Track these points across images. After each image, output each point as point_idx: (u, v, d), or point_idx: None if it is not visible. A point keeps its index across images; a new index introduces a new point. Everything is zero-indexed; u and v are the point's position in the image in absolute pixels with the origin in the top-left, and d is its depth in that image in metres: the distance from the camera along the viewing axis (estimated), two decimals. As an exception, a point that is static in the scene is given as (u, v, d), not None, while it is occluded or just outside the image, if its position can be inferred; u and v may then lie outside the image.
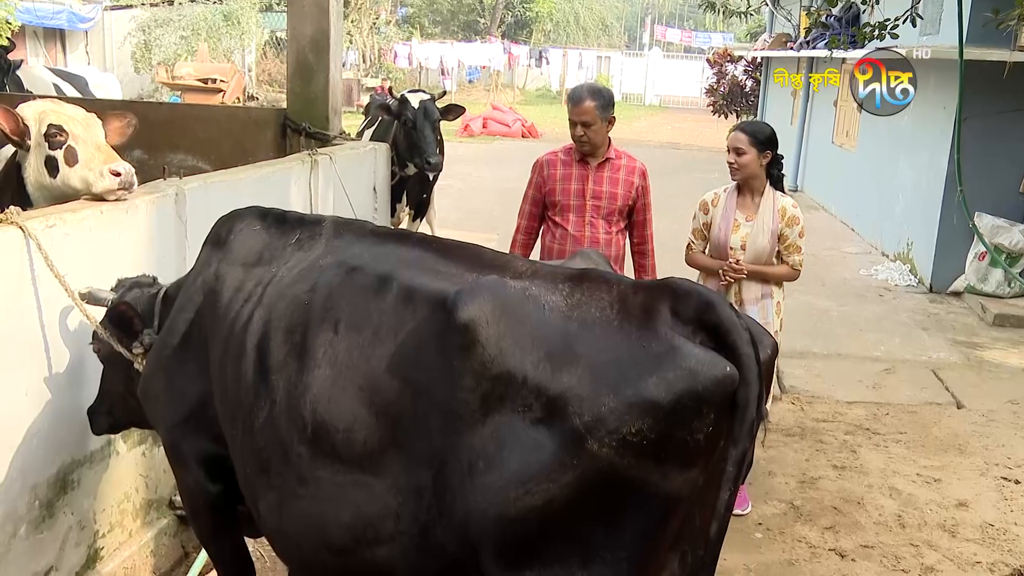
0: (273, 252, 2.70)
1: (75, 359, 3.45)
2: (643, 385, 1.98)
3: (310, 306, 2.46)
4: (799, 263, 4.71)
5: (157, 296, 3.15)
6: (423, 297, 2.30)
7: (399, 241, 2.60)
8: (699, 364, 1.99)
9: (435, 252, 2.49)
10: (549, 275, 2.28)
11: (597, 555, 2.07)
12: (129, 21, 24.48)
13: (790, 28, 17.40)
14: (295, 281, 2.56)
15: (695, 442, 2.00)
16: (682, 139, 24.88)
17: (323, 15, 6.44)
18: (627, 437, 1.97)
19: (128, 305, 3.09)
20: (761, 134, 4.71)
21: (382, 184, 6.80)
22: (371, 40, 32.96)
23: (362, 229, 2.71)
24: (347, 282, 2.46)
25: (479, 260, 2.42)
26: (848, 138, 14.12)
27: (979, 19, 8.11)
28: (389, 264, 2.45)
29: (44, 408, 3.32)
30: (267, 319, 2.53)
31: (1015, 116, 9.06)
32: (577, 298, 2.18)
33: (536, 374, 2.07)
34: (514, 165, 17.47)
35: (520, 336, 2.11)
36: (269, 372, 2.45)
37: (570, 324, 2.14)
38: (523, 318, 2.13)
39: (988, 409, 6.48)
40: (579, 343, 2.10)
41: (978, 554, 4.54)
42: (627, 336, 2.09)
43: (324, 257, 2.58)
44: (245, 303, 2.62)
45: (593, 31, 49.58)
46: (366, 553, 2.33)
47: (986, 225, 9.26)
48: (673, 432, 1.99)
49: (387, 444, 2.26)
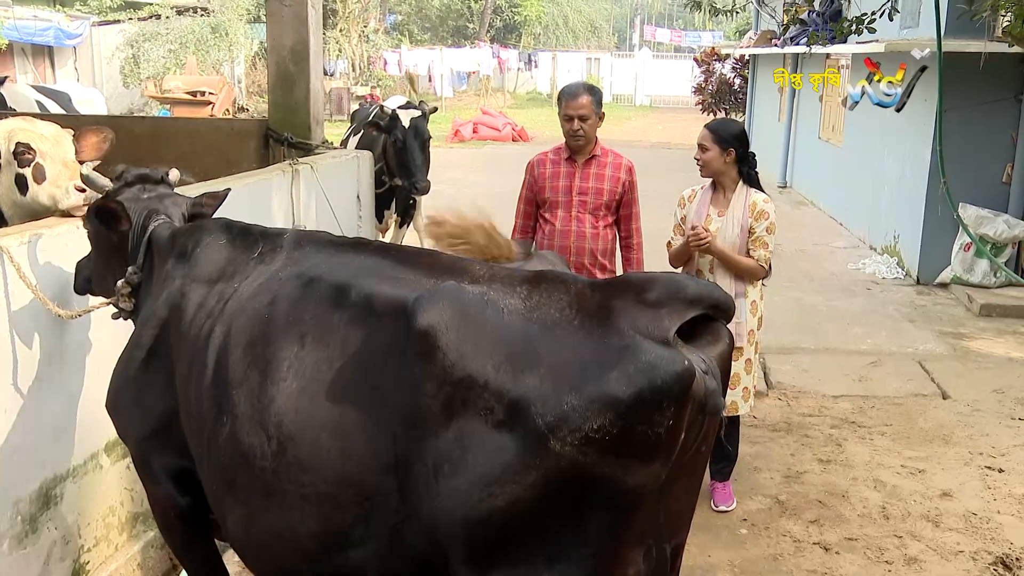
0: (236, 267, 2.72)
1: (57, 375, 3.47)
2: (603, 382, 2.01)
3: (270, 319, 2.48)
4: (764, 259, 4.71)
5: (148, 226, 3.06)
6: (382, 305, 2.32)
7: (357, 250, 2.62)
8: (658, 359, 2.01)
9: (393, 259, 2.51)
10: (506, 278, 2.31)
11: (563, 553, 2.10)
12: (117, 36, 24.47)
13: (775, 25, 17.45)
14: (255, 295, 2.58)
15: (656, 436, 2.03)
16: (673, 139, 24.91)
17: (302, 25, 6.48)
18: (589, 434, 2.00)
19: (120, 206, 3.04)
20: (724, 131, 4.75)
21: (366, 192, 6.83)
22: (360, 48, 32.99)
23: (321, 240, 2.73)
24: (306, 293, 2.48)
25: (436, 266, 2.45)
26: (834, 133, 14.17)
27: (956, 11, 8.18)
28: (347, 273, 2.48)
29: (25, 424, 3.34)
30: (227, 334, 2.54)
31: (995, 107, 9.11)
32: (535, 300, 2.21)
33: (497, 377, 2.09)
34: (505, 170, 17.49)
35: (480, 340, 2.13)
36: (230, 387, 2.47)
37: (529, 326, 2.16)
38: (482, 322, 2.15)
39: (973, 399, 6.52)
40: (539, 344, 2.12)
41: (961, 543, 4.57)
42: (587, 334, 2.12)
43: (283, 269, 2.61)
44: (207, 319, 2.64)
45: (582, 33, 49.70)
46: (338, 558, 2.35)
47: (971, 216, 9.30)
48: (634, 427, 2.01)
49: (352, 452, 2.28)
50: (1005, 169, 9.43)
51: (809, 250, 11.12)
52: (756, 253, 4.71)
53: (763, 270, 4.77)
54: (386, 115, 6.96)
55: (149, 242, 3.03)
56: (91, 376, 3.64)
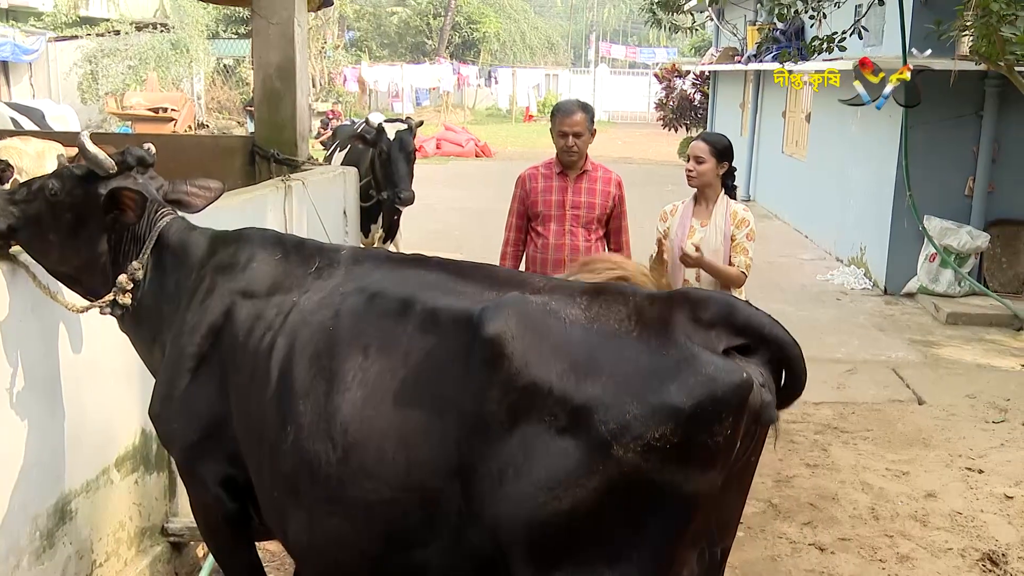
0: (293, 280, 2.77)
1: (70, 387, 3.48)
2: (665, 392, 2.10)
3: (335, 332, 2.55)
4: (745, 264, 4.85)
5: (157, 222, 2.98)
6: (446, 316, 2.41)
7: (416, 265, 2.70)
8: (717, 371, 2.11)
9: (452, 274, 2.60)
10: (566, 289, 2.40)
11: (623, 555, 2.18)
12: (74, 51, 24.17)
13: (736, 42, 17.81)
14: (317, 308, 2.64)
15: (715, 445, 2.12)
16: (634, 153, 25.21)
17: (288, 44, 6.54)
18: (651, 442, 2.09)
19: (142, 196, 2.87)
20: (720, 145, 4.94)
21: (352, 208, 6.90)
22: (320, 64, 32.97)
23: (380, 256, 2.81)
24: (369, 307, 2.56)
25: (496, 279, 2.54)
26: (798, 147, 14.49)
27: (920, 30, 8.47)
28: (409, 287, 2.56)
29: (42, 438, 3.35)
30: (290, 346, 2.60)
31: (958, 122, 9.43)
32: (595, 311, 2.30)
33: (561, 384, 2.17)
34: (471, 184, 17.63)
35: (544, 349, 2.21)
36: (295, 397, 2.53)
37: (591, 336, 2.25)
38: (545, 331, 2.24)
39: (948, 404, 6.73)
40: (600, 354, 2.21)
41: (949, 541, 4.73)
42: (646, 346, 2.21)
43: (344, 284, 2.68)
44: (267, 331, 2.69)
45: (540, 49, 50.12)
46: (400, 558, 2.42)
47: (935, 228, 9.60)
48: (694, 436, 2.10)
49: (416, 458, 2.35)
50: (967, 182, 9.74)
51: (777, 262, 11.35)
52: (737, 260, 4.86)
53: (743, 278, 4.92)
54: (373, 128, 7.02)
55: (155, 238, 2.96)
56: (102, 389, 3.66)
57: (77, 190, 2.94)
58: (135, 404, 3.87)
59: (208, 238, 3.00)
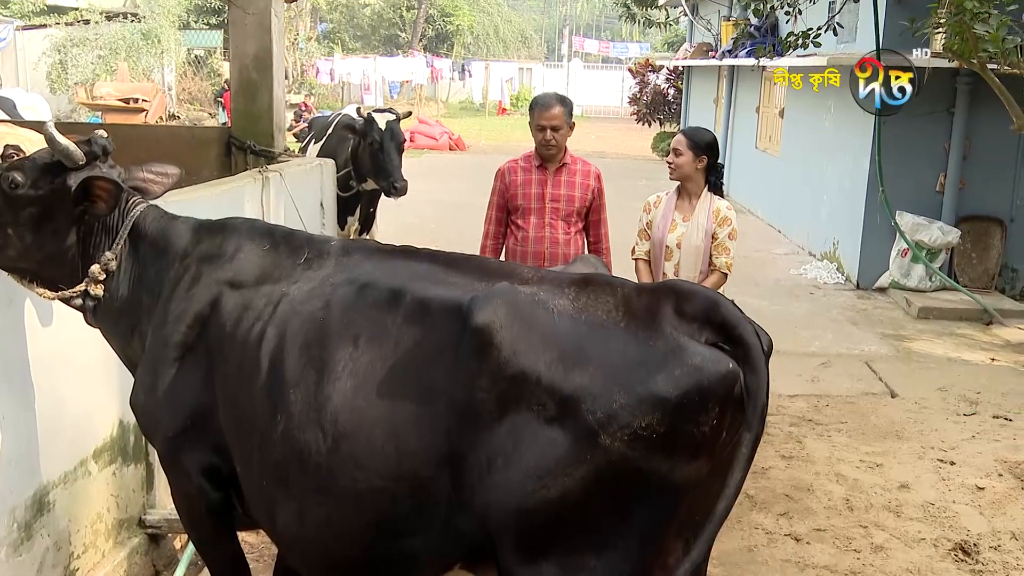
0: (282, 271, 2.76)
1: (46, 379, 3.44)
2: (652, 382, 2.13)
3: (325, 322, 2.55)
4: (726, 265, 4.89)
5: (131, 210, 2.93)
6: (436, 306, 2.42)
7: (406, 256, 2.71)
8: (704, 361, 2.15)
9: (442, 265, 2.61)
10: (555, 280, 2.42)
11: (610, 542, 2.21)
12: (43, 41, 23.82)
13: (710, 38, 17.90)
14: (307, 299, 2.64)
15: (701, 434, 2.15)
16: (608, 148, 25.26)
17: (265, 34, 6.49)
18: (638, 431, 2.11)
19: (118, 187, 2.83)
20: (699, 139, 4.95)
21: (328, 199, 6.87)
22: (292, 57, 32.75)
23: (369, 247, 2.81)
24: (360, 297, 2.56)
25: (485, 270, 2.56)
26: (771, 143, 14.59)
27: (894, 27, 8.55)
28: (399, 278, 2.57)
29: (20, 430, 3.32)
30: (280, 336, 2.60)
31: (930, 119, 9.53)
32: (583, 301, 2.32)
33: (549, 374, 2.20)
34: (446, 178, 17.58)
35: (532, 338, 2.23)
36: (285, 387, 2.52)
37: (579, 326, 2.27)
38: (534, 321, 2.26)
39: (920, 397, 6.83)
40: (588, 344, 2.23)
41: (922, 531, 4.80)
42: (634, 336, 2.23)
43: (335, 275, 2.68)
44: (256, 321, 2.67)
45: (513, 43, 50.09)
46: (390, 546, 2.43)
47: (907, 223, 9.72)
48: (681, 425, 2.13)
49: (406, 446, 2.36)
50: (939, 178, 9.87)
51: (752, 256, 11.44)
52: (718, 260, 4.89)
53: (725, 278, 4.94)
54: (361, 119, 7.00)
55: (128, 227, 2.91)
56: (79, 380, 3.63)
57: (42, 182, 2.85)
58: (113, 396, 3.85)
59: (191, 228, 2.97)
